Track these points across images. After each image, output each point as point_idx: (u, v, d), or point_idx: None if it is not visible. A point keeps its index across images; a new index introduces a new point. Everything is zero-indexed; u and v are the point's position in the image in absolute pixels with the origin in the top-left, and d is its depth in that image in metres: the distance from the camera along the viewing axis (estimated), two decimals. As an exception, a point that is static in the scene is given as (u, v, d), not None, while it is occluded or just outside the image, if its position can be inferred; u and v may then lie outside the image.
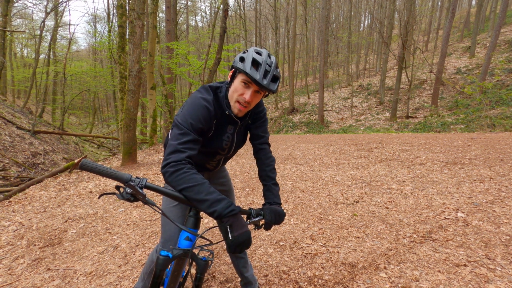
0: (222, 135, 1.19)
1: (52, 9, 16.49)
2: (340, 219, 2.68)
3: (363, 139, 7.91)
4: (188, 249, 0.96)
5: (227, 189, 1.53)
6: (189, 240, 0.98)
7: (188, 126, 1.01)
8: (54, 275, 2.00)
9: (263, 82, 1.00)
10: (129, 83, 5.26)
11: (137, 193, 0.81)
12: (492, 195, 2.91)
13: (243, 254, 1.60)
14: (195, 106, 1.06)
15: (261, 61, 1.01)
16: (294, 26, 18.39)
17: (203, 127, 1.05)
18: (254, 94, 1.05)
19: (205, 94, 1.11)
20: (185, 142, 0.98)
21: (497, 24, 11.69)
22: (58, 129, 12.71)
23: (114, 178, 0.80)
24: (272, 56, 1.07)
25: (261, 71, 1.00)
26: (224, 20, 8.12)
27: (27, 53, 32.12)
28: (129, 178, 0.81)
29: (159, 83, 12.26)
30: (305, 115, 18.01)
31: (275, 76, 1.04)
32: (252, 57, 1.01)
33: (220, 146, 1.20)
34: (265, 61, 1.02)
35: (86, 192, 3.90)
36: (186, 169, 0.93)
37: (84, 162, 0.77)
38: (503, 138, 5.99)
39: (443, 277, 1.72)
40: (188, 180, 0.91)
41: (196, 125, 1.02)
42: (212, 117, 1.10)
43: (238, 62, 1.03)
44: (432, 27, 28.76)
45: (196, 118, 1.03)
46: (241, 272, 1.57)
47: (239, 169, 5.00)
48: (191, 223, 0.99)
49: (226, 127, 1.18)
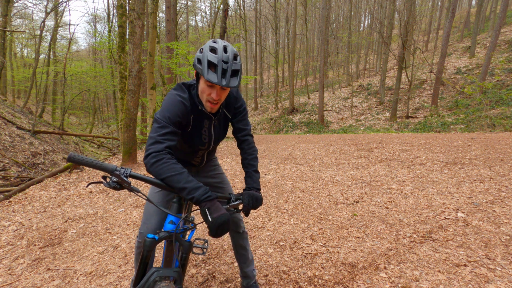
0: (201, 129, 1.26)
1: (52, 9, 16.49)
2: (340, 219, 2.68)
3: (363, 139, 7.91)
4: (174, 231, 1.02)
5: (219, 181, 1.57)
6: (173, 223, 1.05)
7: (166, 120, 1.07)
8: (54, 275, 2.00)
9: (222, 83, 1.03)
10: (129, 83, 5.26)
11: (122, 181, 0.88)
12: (492, 195, 2.91)
13: (244, 251, 1.63)
14: (171, 102, 1.13)
15: (216, 61, 1.02)
16: (294, 26, 18.39)
17: (180, 121, 1.12)
18: (220, 91, 1.10)
19: (180, 92, 1.18)
20: (163, 134, 1.05)
21: (497, 24, 11.69)
22: (58, 129, 12.71)
23: (101, 169, 0.86)
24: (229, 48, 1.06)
25: (219, 72, 1.02)
26: (224, 20, 8.12)
27: (27, 53, 32.13)
28: (114, 168, 0.88)
29: (159, 83, 12.27)
30: (305, 115, 18.01)
31: (234, 70, 1.06)
32: (207, 60, 1.03)
33: (200, 141, 1.28)
34: (220, 58, 1.03)
35: (86, 192, 3.90)
36: (166, 159, 1.00)
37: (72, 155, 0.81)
38: (503, 138, 5.99)
39: (443, 277, 1.72)
40: (168, 169, 0.98)
41: (174, 119, 1.09)
42: (189, 112, 1.16)
43: (196, 64, 1.07)
44: (432, 27, 28.75)
45: (173, 112, 1.10)
46: (241, 266, 1.66)
47: (239, 169, 5.00)
48: (175, 209, 1.07)
49: (203, 121, 1.24)
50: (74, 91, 21.00)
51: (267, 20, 32.34)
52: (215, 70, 1.03)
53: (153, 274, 0.96)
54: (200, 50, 1.09)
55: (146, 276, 0.96)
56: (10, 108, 10.98)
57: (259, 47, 24.57)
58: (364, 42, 28.77)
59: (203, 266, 2.03)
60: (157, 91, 10.80)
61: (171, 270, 1.01)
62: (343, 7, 31.07)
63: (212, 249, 2.26)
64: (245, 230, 1.63)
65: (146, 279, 0.95)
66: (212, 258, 2.13)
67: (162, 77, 10.39)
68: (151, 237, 0.99)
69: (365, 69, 27.48)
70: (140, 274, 0.98)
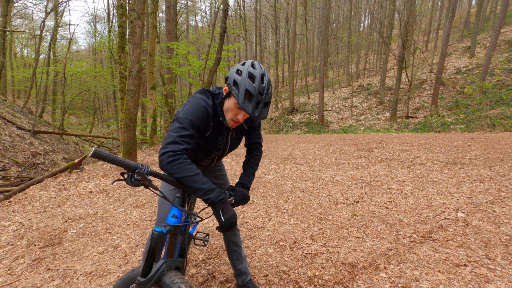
0: (218, 136, 1.30)
1: (52, 9, 16.49)
2: (340, 219, 2.68)
3: (363, 139, 7.91)
4: (178, 225, 1.10)
5: (222, 182, 1.65)
6: (175, 217, 1.11)
7: (188, 122, 1.10)
8: (54, 275, 2.00)
9: (255, 114, 1.08)
10: (129, 83, 5.26)
11: (144, 179, 0.93)
12: (492, 195, 2.91)
13: (237, 247, 1.67)
14: (196, 105, 1.15)
15: (254, 91, 1.05)
16: (294, 26, 18.38)
17: (200, 125, 1.16)
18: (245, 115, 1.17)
19: (205, 97, 1.21)
20: (183, 136, 1.08)
21: (497, 24, 11.69)
22: (58, 129, 12.71)
23: (124, 166, 0.91)
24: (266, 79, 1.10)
25: (254, 102, 1.06)
26: (224, 20, 8.12)
27: (27, 53, 32.12)
28: (136, 165, 0.92)
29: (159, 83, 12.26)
30: (305, 115, 18.01)
31: (267, 102, 1.11)
32: (245, 88, 1.05)
33: (215, 146, 1.32)
34: (258, 90, 1.06)
35: (86, 192, 3.90)
36: (183, 159, 1.05)
37: (96, 150, 0.84)
38: (503, 138, 5.99)
39: (443, 277, 1.72)
40: (185, 169, 1.03)
41: (195, 122, 1.12)
42: (210, 118, 1.20)
43: (232, 86, 1.09)
44: (432, 27, 28.75)
45: (196, 116, 1.13)
46: (234, 264, 1.67)
47: (239, 169, 5.00)
48: (178, 203, 1.14)
49: (222, 130, 1.29)
50: (74, 91, 21.00)
51: (267, 20, 32.33)
52: (250, 99, 1.06)
53: (163, 264, 1.01)
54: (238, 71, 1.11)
55: (156, 267, 1.01)
56: (10, 108, 10.97)
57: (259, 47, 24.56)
58: (364, 42, 28.76)
59: (203, 266, 2.03)
60: (157, 91, 10.81)
61: (177, 260, 1.08)
62: (343, 7, 31.06)
63: (212, 249, 2.26)
64: (237, 227, 1.69)
65: (157, 269, 1.00)
66: (212, 258, 2.13)
67: (162, 77, 10.39)
68: (159, 230, 1.04)
69: (365, 69, 27.48)
70: (147, 265, 1.02)
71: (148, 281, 0.98)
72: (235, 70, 1.12)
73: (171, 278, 0.98)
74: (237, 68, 1.13)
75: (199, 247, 2.29)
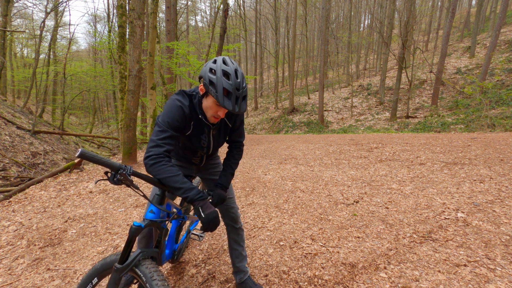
0: (200, 135, 1.36)
1: (52, 9, 16.49)
2: (340, 219, 2.68)
3: (363, 139, 7.91)
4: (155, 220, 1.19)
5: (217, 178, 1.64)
6: (152, 213, 1.20)
7: (166, 125, 1.18)
8: (54, 275, 2.00)
9: (235, 110, 1.14)
10: (129, 83, 5.26)
11: (126, 179, 0.98)
12: (492, 195, 2.91)
13: (238, 246, 1.70)
14: (171, 107, 1.22)
15: (231, 88, 1.10)
16: (294, 26, 18.38)
17: (179, 125, 1.22)
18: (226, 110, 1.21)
19: (180, 97, 1.27)
20: (163, 138, 1.16)
21: (497, 24, 11.69)
22: (58, 129, 12.71)
23: (108, 166, 0.96)
24: (240, 73, 1.15)
25: (233, 99, 1.12)
26: (224, 20, 8.12)
27: (27, 53, 32.11)
28: (120, 166, 0.98)
29: (159, 83, 12.27)
30: (305, 115, 18.00)
31: (244, 96, 1.17)
32: (223, 87, 1.10)
33: (199, 145, 1.39)
34: (234, 86, 1.11)
35: (86, 192, 3.90)
36: (164, 162, 1.12)
37: (83, 151, 0.89)
38: (503, 138, 5.99)
39: (443, 277, 1.72)
40: (166, 171, 1.10)
41: (173, 123, 1.19)
42: (187, 117, 1.26)
43: (208, 86, 1.13)
44: (432, 27, 28.74)
45: (173, 117, 1.20)
46: (234, 262, 1.72)
47: (239, 169, 5.00)
48: (156, 200, 1.22)
49: (203, 129, 1.35)
50: (74, 91, 21.00)
51: (267, 20, 32.33)
52: (228, 96, 1.12)
53: (139, 254, 1.10)
54: (211, 70, 1.14)
55: (133, 255, 1.09)
56: (10, 108, 10.97)
57: (259, 47, 24.56)
58: (364, 42, 28.76)
59: (203, 266, 2.03)
60: (157, 91, 10.80)
61: (153, 251, 1.17)
62: (343, 7, 31.06)
63: (212, 249, 2.26)
64: (241, 226, 1.72)
65: (133, 257, 1.08)
66: (212, 258, 2.13)
67: (162, 77, 10.39)
68: (137, 225, 1.12)
69: (365, 69, 27.47)
70: (125, 254, 1.10)
71: (124, 268, 1.06)
72: (208, 69, 1.15)
73: (146, 267, 1.06)
74: (209, 67, 1.15)
75: (199, 247, 2.29)
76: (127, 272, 1.07)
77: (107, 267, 1.12)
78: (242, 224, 1.73)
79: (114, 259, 1.12)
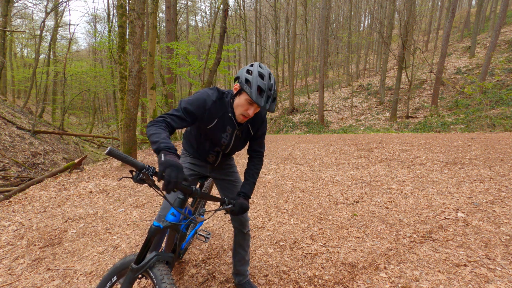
0: (222, 133, 1.40)
1: (52, 9, 16.49)
2: (340, 219, 2.68)
3: (363, 139, 7.91)
4: (175, 223, 1.18)
5: (232, 179, 1.67)
6: (174, 215, 1.20)
7: (182, 109, 1.27)
8: (54, 275, 2.00)
9: (266, 107, 1.23)
10: (129, 83, 5.26)
11: (148, 178, 1.00)
12: (492, 195, 2.91)
13: (243, 251, 1.69)
14: (196, 95, 1.33)
15: (265, 88, 1.22)
16: (294, 26, 18.37)
17: (194, 112, 1.28)
18: (255, 109, 1.28)
19: (210, 92, 1.35)
20: (171, 114, 1.24)
21: (497, 24, 11.69)
22: (58, 129, 12.71)
23: (132, 165, 1.00)
24: (272, 77, 1.27)
25: (265, 97, 1.22)
26: (224, 20, 8.12)
27: (27, 53, 32.11)
28: (143, 166, 1.00)
29: (159, 83, 12.27)
30: (305, 115, 18.00)
31: (274, 98, 1.27)
32: (257, 85, 1.21)
33: (219, 141, 1.43)
34: (268, 86, 1.23)
35: (86, 192, 3.90)
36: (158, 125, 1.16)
37: (111, 149, 0.94)
38: (503, 138, 5.99)
39: (443, 277, 1.72)
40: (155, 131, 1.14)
41: (188, 108, 1.27)
42: (208, 111, 1.32)
43: (244, 84, 1.23)
44: (432, 27, 28.74)
45: (191, 104, 1.28)
46: (235, 264, 1.74)
47: (240, 170, 4.99)
48: (177, 203, 1.22)
49: (226, 127, 1.39)
50: (74, 91, 21.00)
51: (267, 20, 32.33)
52: (261, 94, 1.22)
53: (154, 257, 1.10)
54: (248, 71, 1.26)
55: (147, 258, 1.10)
56: (10, 108, 10.97)
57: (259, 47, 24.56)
58: (364, 42, 28.75)
59: (203, 266, 2.03)
60: (157, 91, 10.80)
61: (168, 255, 1.16)
62: (343, 7, 31.05)
63: (212, 249, 2.26)
64: (249, 232, 1.71)
65: (148, 259, 1.09)
66: (212, 258, 2.13)
67: (162, 77, 10.39)
68: (156, 225, 1.13)
69: (365, 69, 27.47)
70: (141, 254, 1.10)
71: (139, 269, 1.08)
72: (245, 71, 1.26)
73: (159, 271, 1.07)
74: (247, 68, 1.27)
75: (199, 247, 2.29)
76: (141, 273, 1.09)
77: (125, 266, 1.15)
78: (249, 229, 1.72)
79: (132, 259, 1.13)
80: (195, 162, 1.60)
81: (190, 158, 1.60)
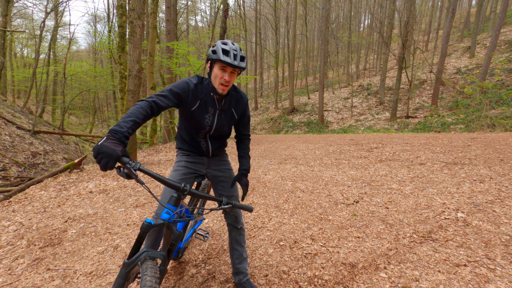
0: (205, 113, 1.49)
1: (52, 9, 16.48)
2: (340, 219, 2.68)
3: (363, 139, 7.91)
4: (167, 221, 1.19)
5: (227, 175, 1.70)
6: (168, 214, 1.21)
7: (167, 91, 1.37)
8: (54, 275, 2.00)
9: (234, 63, 1.32)
10: (129, 83, 5.26)
11: (131, 173, 1.04)
12: (492, 195, 2.91)
13: (239, 247, 1.71)
14: (181, 81, 1.45)
15: (229, 48, 1.33)
16: (294, 26, 18.38)
17: (179, 93, 1.39)
18: (230, 74, 1.38)
19: (191, 78, 1.48)
20: (159, 95, 1.33)
21: (497, 24, 11.69)
22: (58, 129, 12.70)
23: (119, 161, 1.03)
24: (236, 43, 1.40)
25: (231, 56, 1.32)
26: (224, 20, 8.12)
27: (27, 53, 32.11)
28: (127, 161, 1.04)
29: (159, 83, 12.26)
30: (305, 115, 18.00)
31: (242, 56, 1.36)
32: (221, 48, 1.33)
33: (202, 122, 1.50)
34: (232, 48, 1.34)
35: (86, 192, 3.90)
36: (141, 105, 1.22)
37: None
38: (503, 138, 5.99)
39: (443, 277, 1.72)
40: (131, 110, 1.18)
41: (173, 90, 1.38)
42: (191, 92, 1.43)
43: (211, 54, 1.36)
44: (432, 27, 28.74)
45: (176, 86, 1.40)
46: (234, 262, 1.73)
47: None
48: (172, 201, 1.23)
49: (208, 108, 1.49)
50: (74, 91, 20.99)
51: (267, 20, 32.34)
52: (228, 55, 1.32)
53: (143, 253, 1.12)
54: (213, 46, 1.39)
55: (137, 254, 1.12)
56: (10, 108, 10.97)
57: (259, 47, 24.57)
58: (364, 42, 28.76)
59: (203, 266, 2.03)
60: (157, 91, 10.79)
61: (158, 253, 1.17)
62: (343, 7, 31.05)
63: (212, 249, 2.26)
64: (243, 227, 1.72)
65: (137, 256, 1.11)
66: (212, 258, 2.13)
67: (162, 77, 10.39)
68: (148, 221, 1.15)
69: (365, 69, 27.47)
70: (133, 250, 1.14)
71: (129, 264, 1.10)
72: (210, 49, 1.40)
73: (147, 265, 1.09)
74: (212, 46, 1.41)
75: (199, 247, 2.29)
76: (132, 268, 1.11)
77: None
78: (244, 224, 1.74)
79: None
80: (190, 159, 1.62)
81: (185, 156, 1.63)
